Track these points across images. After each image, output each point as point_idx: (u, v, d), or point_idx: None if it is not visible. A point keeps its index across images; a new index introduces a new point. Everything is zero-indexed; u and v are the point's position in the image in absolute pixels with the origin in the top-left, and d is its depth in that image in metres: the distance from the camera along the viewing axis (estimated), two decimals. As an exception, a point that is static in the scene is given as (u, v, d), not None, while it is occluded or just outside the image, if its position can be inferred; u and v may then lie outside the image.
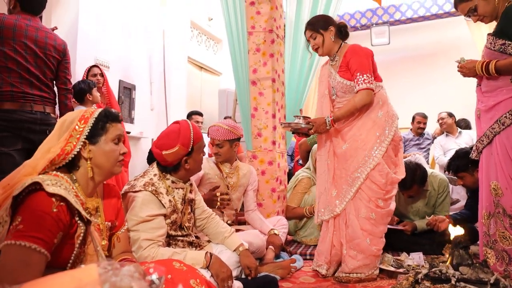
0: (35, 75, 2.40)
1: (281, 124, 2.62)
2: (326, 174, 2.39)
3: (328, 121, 2.26)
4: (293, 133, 2.55)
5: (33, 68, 2.39)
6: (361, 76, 2.19)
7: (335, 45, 2.37)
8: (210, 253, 1.68)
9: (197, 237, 1.99)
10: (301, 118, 2.37)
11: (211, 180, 2.56)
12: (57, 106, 2.60)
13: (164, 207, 1.71)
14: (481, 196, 2.11)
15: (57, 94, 2.59)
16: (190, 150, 1.74)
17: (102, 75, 3.61)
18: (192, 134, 1.74)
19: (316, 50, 2.41)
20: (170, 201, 1.75)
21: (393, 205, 2.31)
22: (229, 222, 2.55)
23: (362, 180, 2.20)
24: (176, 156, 1.72)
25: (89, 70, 3.60)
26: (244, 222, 2.92)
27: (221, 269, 1.62)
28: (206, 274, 1.55)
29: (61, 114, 2.57)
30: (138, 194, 1.66)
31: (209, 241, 2.03)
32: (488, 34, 2.04)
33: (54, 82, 2.57)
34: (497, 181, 1.97)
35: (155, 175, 1.76)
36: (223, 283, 1.59)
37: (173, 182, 1.79)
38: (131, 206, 1.66)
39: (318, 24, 2.37)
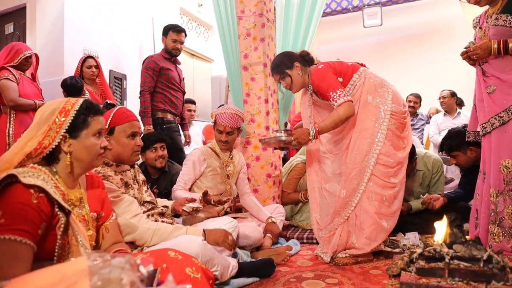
0: None
1: (260, 141, 2.46)
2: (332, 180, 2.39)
3: (313, 132, 2.17)
4: (274, 149, 2.49)
5: None
6: (335, 94, 2.18)
7: (305, 76, 2.39)
8: (204, 229, 1.76)
9: (165, 206, 1.98)
10: (282, 131, 2.31)
11: (213, 172, 2.53)
12: None
13: (118, 187, 1.70)
14: (488, 174, 2.12)
15: None
16: (108, 128, 1.71)
17: (97, 66, 3.55)
18: (113, 114, 1.73)
19: (289, 89, 2.42)
20: (121, 179, 1.74)
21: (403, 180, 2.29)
22: (227, 209, 2.55)
23: (372, 167, 2.21)
24: None
25: (84, 61, 3.51)
26: (241, 209, 2.91)
27: (215, 235, 1.73)
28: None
29: None
30: None
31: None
32: (495, 14, 2.04)
33: None
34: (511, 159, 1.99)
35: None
36: (225, 243, 1.72)
37: (117, 166, 1.77)
38: None
39: (283, 66, 2.38)
